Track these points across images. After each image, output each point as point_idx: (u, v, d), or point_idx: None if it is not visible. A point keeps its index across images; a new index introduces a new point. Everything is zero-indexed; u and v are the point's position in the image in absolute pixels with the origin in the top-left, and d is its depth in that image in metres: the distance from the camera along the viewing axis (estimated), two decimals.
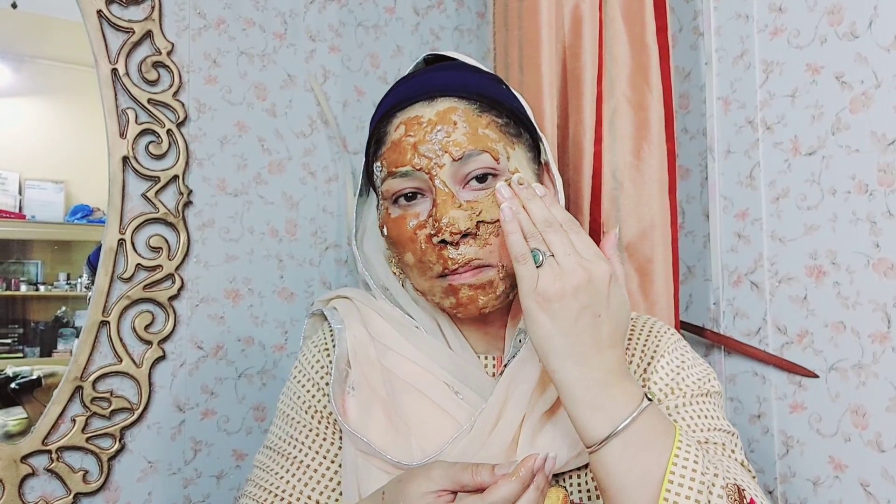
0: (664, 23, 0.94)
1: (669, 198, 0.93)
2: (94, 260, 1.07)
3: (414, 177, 0.61)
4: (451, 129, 0.61)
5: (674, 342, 0.68)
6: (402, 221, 0.63)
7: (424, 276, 0.62)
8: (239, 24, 1.14)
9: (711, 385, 0.65)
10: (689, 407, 0.62)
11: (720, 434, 0.61)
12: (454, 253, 0.60)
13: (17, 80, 1.05)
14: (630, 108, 0.94)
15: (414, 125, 0.62)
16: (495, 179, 0.61)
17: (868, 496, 0.82)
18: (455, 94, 0.63)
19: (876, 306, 0.82)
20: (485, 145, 0.61)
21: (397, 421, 0.62)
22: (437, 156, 0.60)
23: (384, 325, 0.68)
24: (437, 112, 0.62)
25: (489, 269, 0.61)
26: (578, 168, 0.93)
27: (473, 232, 0.60)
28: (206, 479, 1.07)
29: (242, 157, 1.13)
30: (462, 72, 0.66)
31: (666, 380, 0.64)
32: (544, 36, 0.92)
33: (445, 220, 0.59)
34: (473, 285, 0.60)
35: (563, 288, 0.51)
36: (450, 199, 0.60)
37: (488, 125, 0.62)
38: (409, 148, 0.61)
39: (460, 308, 0.62)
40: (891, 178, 0.81)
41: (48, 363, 1.03)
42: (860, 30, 0.84)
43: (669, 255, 0.92)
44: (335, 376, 0.66)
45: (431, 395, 0.63)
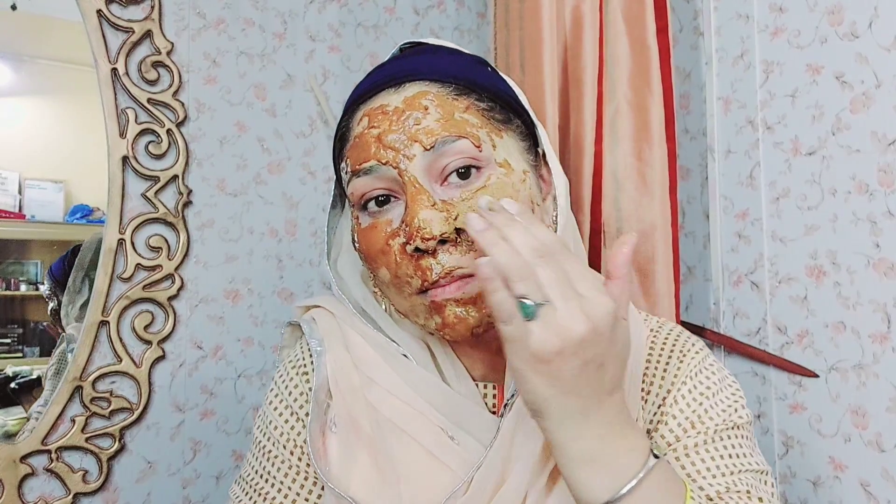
0: (665, 24, 0.94)
1: (670, 198, 0.93)
2: (55, 270, 1.06)
3: (380, 173, 0.51)
4: (420, 115, 0.51)
5: (698, 363, 0.58)
6: (373, 231, 0.53)
7: (402, 293, 0.53)
8: (238, 24, 1.14)
9: (739, 416, 0.56)
10: (713, 444, 0.54)
11: (747, 477, 0.53)
12: (432, 262, 0.50)
13: (17, 80, 1.05)
14: (631, 110, 0.94)
15: (378, 115, 0.52)
16: (479, 174, 0.51)
17: (868, 496, 0.82)
18: (425, 78, 0.53)
19: (876, 306, 0.82)
20: (462, 131, 0.51)
21: (384, 466, 0.54)
22: (406, 146, 0.50)
23: (369, 351, 0.58)
24: (404, 98, 0.52)
25: (475, 280, 0.50)
26: (579, 168, 0.93)
27: (453, 238, 0.50)
28: (206, 480, 1.07)
29: (242, 157, 1.13)
30: (436, 55, 0.57)
31: (687, 412, 0.55)
32: (546, 36, 0.92)
33: (416, 222, 0.49)
34: (460, 300, 0.50)
35: (562, 346, 0.42)
36: (422, 198, 0.50)
37: (467, 109, 0.52)
38: (373, 141, 0.51)
39: (447, 329, 0.51)
40: (891, 178, 0.81)
41: (48, 363, 1.03)
42: (860, 30, 0.84)
43: (670, 256, 0.92)
44: (314, 412, 0.56)
45: (422, 440, 0.53)
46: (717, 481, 0.52)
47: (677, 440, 0.55)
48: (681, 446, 0.54)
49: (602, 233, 0.94)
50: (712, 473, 0.52)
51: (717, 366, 0.59)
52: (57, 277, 1.06)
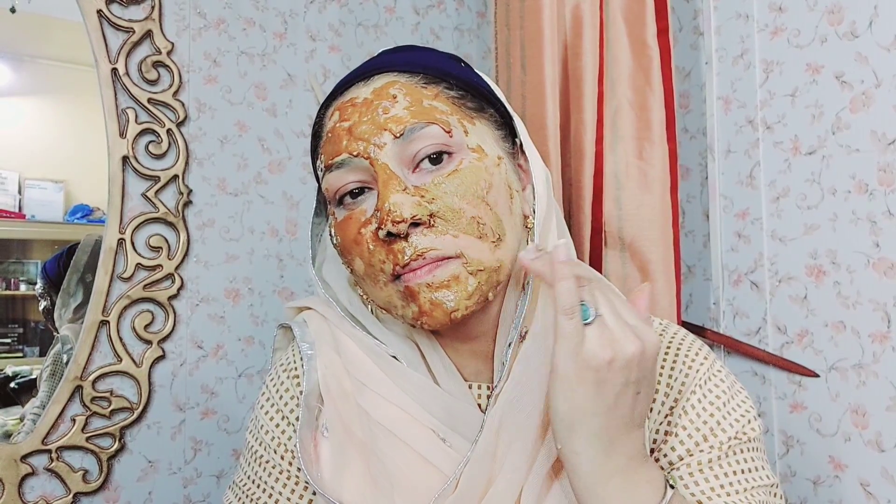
0: (665, 25, 0.94)
1: (671, 197, 0.93)
2: (49, 270, 1.06)
3: (352, 165, 0.51)
4: (389, 104, 0.51)
5: (706, 370, 0.56)
6: (348, 223, 0.52)
7: (378, 283, 0.52)
8: (239, 24, 1.14)
9: (752, 427, 0.54)
10: (727, 460, 0.52)
11: (759, 493, 0.52)
12: (404, 245, 0.49)
13: (17, 80, 1.05)
14: (631, 109, 0.94)
15: (348, 108, 0.52)
16: (451, 159, 0.51)
17: (868, 496, 0.82)
18: (394, 70, 0.53)
19: (876, 306, 0.82)
20: (431, 117, 0.51)
21: (377, 472, 0.53)
22: (375, 135, 0.50)
23: (360, 355, 0.57)
24: (373, 90, 0.52)
25: (451, 262, 0.49)
26: (580, 168, 0.93)
27: (426, 221, 0.49)
28: (206, 479, 1.07)
29: (242, 156, 1.13)
30: (410, 52, 0.57)
31: (698, 423, 0.54)
32: (546, 35, 0.92)
33: (387, 206, 0.48)
34: (432, 284, 0.49)
35: (613, 357, 0.42)
36: (393, 183, 0.49)
37: (436, 97, 0.52)
38: (344, 133, 0.51)
39: (424, 317, 0.50)
40: (891, 177, 0.81)
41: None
42: (860, 29, 0.84)
43: (671, 255, 0.92)
44: (304, 417, 0.55)
45: (414, 445, 0.53)
46: (730, 500, 0.51)
47: (689, 454, 0.53)
48: (694, 462, 0.53)
49: (603, 232, 0.94)
50: (726, 492, 0.51)
51: (725, 372, 0.58)
52: (51, 277, 1.06)
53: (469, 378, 0.58)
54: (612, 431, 0.44)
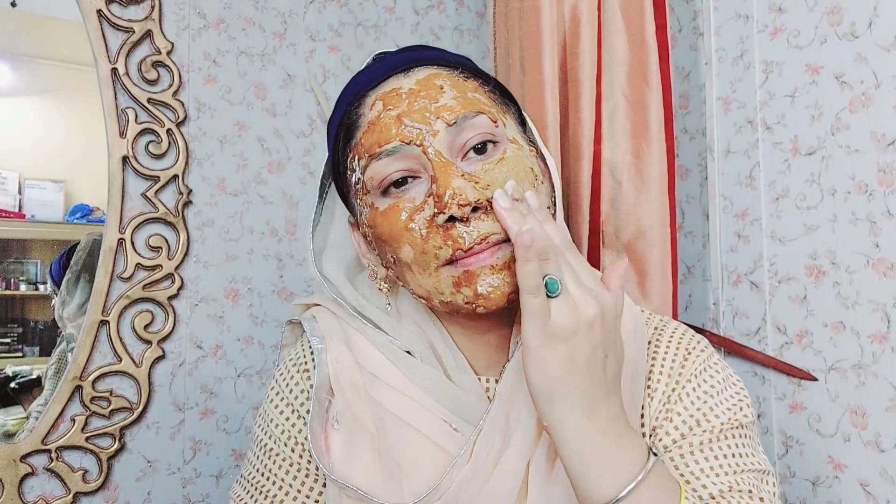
0: (663, 21, 0.94)
1: (669, 197, 0.93)
2: (54, 271, 1.06)
3: (403, 153, 0.51)
4: (437, 94, 0.52)
5: (703, 360, 0.58)
6: (394, 212, 0.52)
7: (427, 270, 0.51)
8: (239, 24, 1.14)
9: (744, 414, 0.56)
10: (717, 444, 0.54)
11: (749, 476, 0.53)
12: (464, 230, 0.49)
13: (17, 80, 1.05)
14: (629, 107, 0.94)
15: (393, 97, 0.53)
16: (496, 148, 0.52)
17: (867, 496, 0.82)
18: (432, 63, 0.55)
19: (875, 306, 0.82)
20: (479, 107, 0.52)
21: (388, 460, 0.54)
22: (429, 123, 0.51)
23: (371, 349, 0.58)
24: (416, 81, 0.53)
25: (508, 246, 0.49)
26: (578, 167, 0.93)
27: (485, 206, 0.49)
28: (206, 479, 1.07)
29: (242, 156, 1.13)
30: (432, 49, 0.59)
31: (691, 409, 0.55)
32: (546, 36, 0.92)
33: (449, 191, 0.48)
34: (495, 266, 0.49)
35: (577, 323, 0.44)
36: (452, 169, 0.49)
37: (476, 89, 0.54)
38: (393, 122, 0.51)
39: (481, 300, 0.50)
40: (890, 178, 0.81)
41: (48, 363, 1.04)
42: (860, 30, 0.84)
43: (668, 255, 0.92)
44: (315, 409, 0.56)
45: (426, 432, 0.54)
46: (719, 480, 0.52)
47: (682, 437, 0.55)
48: (686, 444, 0.54)
49: (600, 232, 0.94)
50: (715, 472, 0.53)
51: (722, 364, 0.60)
52: (54, 277, 1.06)
53: (480, 372, 0.59)
54: (589, 395, 0.46)
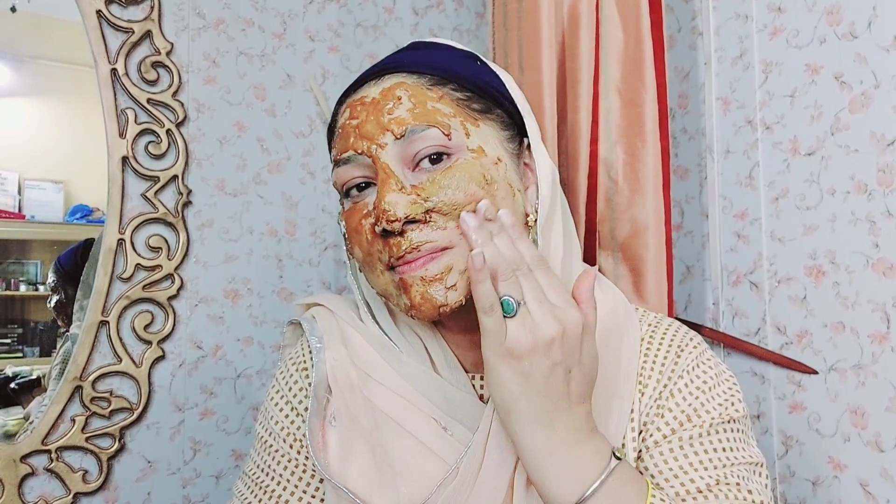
0: (659, 17, 0.93)
1: (663, 196, 0.92)
2: (64, 262, 1.06)
3: (357, 162, 0.54)
4: (394, 105, 0.53)
5: (696, 357, 0.59)
6: (352, 213, 0.56)
7: (375, 271, 0.55)
8: (238, 25, 1.14)
9: (735, 409, 0.57)
10: (708, 438, 0.54)
11: (739, 469, 0.53)
12: (400, 240, 0.51)
13: (17, 81, 1.05)
14: (624, 105, 0.93)
15: (357, 106, 0.55)
16: (449, 159, 0.53)
17: (867, 496, 0.82)
18: (404, 70, 0.56)
19: (875, 306, 0.82)
20: (433, 120, 0.53)
21: (381, 461, 0.56)
22: (378, 135, 0.53)
23: (366, 347, 0.60)
24: (381, 90, 0.55)
25: (450, 252, 0.52)
26: (575, 168, 0.93)
27: (422, 218, 0.51)
28: (205, 479, 1.07)
29: (242, 157, 1.13)
30: (427, 50, 0.59)
31: (683, 405, 0.56)
32: (544, 36, 0.92)
33: (382, 205, 0.51)
34: (426, 279, 0.51)
35: (534, 343, 0.45)
36: (390, 182, 0.52)
37: (441, 99, 0.55)
38: (352, 131, 0.54)
39: (414, 311, 0.52)
40: (890, 178, 0.81)
41: (48, 363, 1.04)
42: (859, 30, 0.84)
43: (663, 254, 0.92)
44: (313, 407, 0.58)
45: (417, 433, 0.55)
46: (707, 474, 0.53)
47: (673, 433, 0.55)
48: (675, 438, 0.55)
49: (597, 232, 0.94)
50: (704, 466, 0.53)
51: (715, 360, 0.60)
52: (66, 270, 1.06)
53: (470, 369, 0.60)
54: (546, 411, 0.47)
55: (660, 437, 0.56)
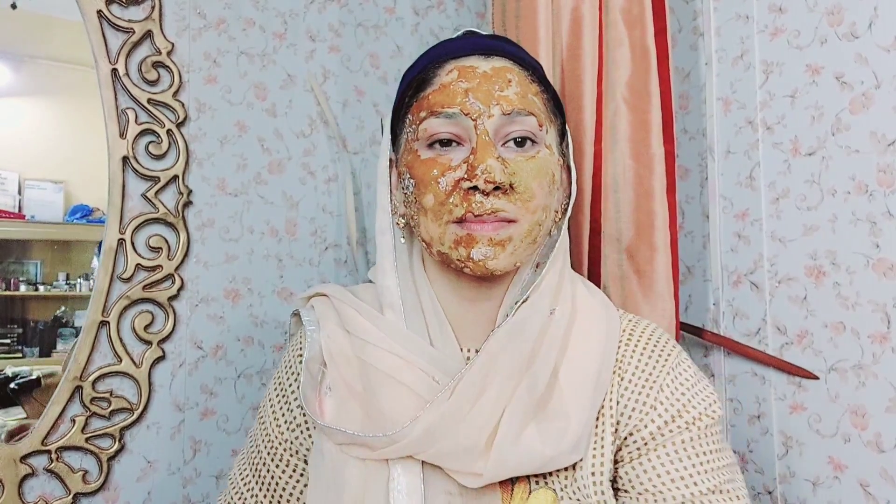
0: (663, 25, 0.94)
1: (668, 199, 0.93)
2: None
3: (458, 121, 0.59)
4: (504, 84, 0.59)
5: (676, 355, 0.63)
6: (431, 163, 0.59)
7: (439, 220, 0.59)
8: (239, 24, 1.14)
9: (713, 410, 0.61)
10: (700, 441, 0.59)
11: (728, 472, 0.59)
12: (483, 199, 0.56)
13: (17, 80, 1.05)
14: (629, 111, 0.94)
15: (468, 72, 0.60)
16: (533, 147, 0.60)
17: (868, 496, 0.82)
18: (510, 58, 0.62)
19: (876, 307, 0.82)
20: (533, 109, 0.60)
21: (373, 412, 0.60)
22: (488, 106, 0.58)
23: (361, 320, 0.64)
24: (492, 67, 0.61)
25: (514, 226, 0.58)
26: (579, 168, 0.93)
27: (506, 188, 0.57)
28: (206, 479, 1.07)
29: (242, 156, 1.13)
30: (514, 44, 0.66)
31: (672, 399, 0.60)
32: (541, 36, 0.92)
33: (482, 166, 0.56)
34: (493, 240, 0.57)
35: None
36: (491, 149, 0.57)
37: (536, 94, 0.62)
38: (461, 92, 0.59)
39: (470, 263, 0.58)
40: (890, 178, 0.81)
41: (47, 363, 1.04)
42: (860, 30, 0.84)
43: (669, 257, 0.92)
44: (305, 379, 0.63)
45: (408, 383, 0.59)
46: (703, 479, 0.57)
47: (665, 425, 0.59)
48: (670, 441, 0.59)
49: (601, 232, 0.94)
50: (697, 471, 0.58)
51: (689, 364, 0.65)
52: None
53: (464, 343, 0.65)
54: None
55: (646, 434, 0.59)
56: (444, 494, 0.57)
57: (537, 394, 0.58)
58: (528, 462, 0.56)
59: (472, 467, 0.55)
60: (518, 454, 0.56)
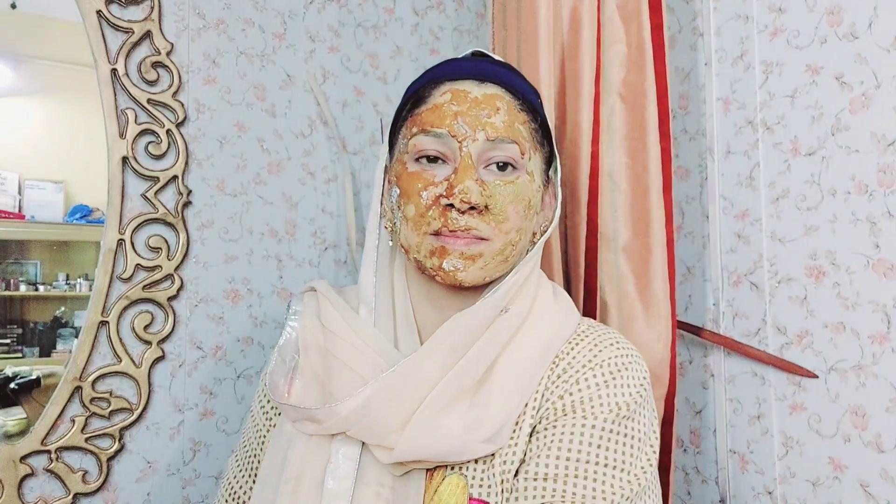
0: (660, 20, 0.94)
1: (664, 198, 0.93)
2: None
3: (445, 141, 0.63)
4: (493, 112, 0.63)
5: (600, 357, 0.63)
6: (417, 177, 0.64)
7: (418, 230, 0.63)
8: (238, 25, 1.14)
9: (626, 412, 0.60)
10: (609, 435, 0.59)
11: (587, 467, 0.58)
12: (458, 216, 0.61)
13: (17, 81, 1.05)
14: (625, 108, 0.94)
15: (461, 96, 0.64)
16: (514, 172, 0.64)
17: (868, 497, 0.82)
18: (504, 86, 0.66)
19: (876, 307, 0.82)
20: (517, 137, 0.63)
21: (326, 394, 0.64)
22: (475, 130, 0.62)
23: (334, 314, 0.68)
24: (484, 93, 0.64)
25: (485, 243, 0.62)
26: (576, 169, 0.93)
27: (482, 209, 0.61)
28: (205, 480, 1.07)
29: (242, 157, 1.13)
30: (512, 71, 0.69)
31: (584, 392, 0.61)
32: (542, 36, 0.92)
33: (460, 186, 0.60)
34: (465, 254, 0.62)
35: None
36: (471, 171, 0.61)
37: (524, 123, 0.65)
38: (451, 114, 0.63)
39: (440, 273, 0.62)
40: (890, 178, 0.81)
41: (47, 363, 1.03)
42: (860, 30, 0.84)
43: (665, 256, 0.92)
44: (275, 365, 0.69)
45: (357, 369, 0.63)
46: (560, 463, 0.58)
47: (563, 415, 0.60)
48: (560, 424, 0.60)
49: (597, 233, 0.93)
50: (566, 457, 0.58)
51: (628, 365, 0.63)
52: None
53: (424, 340, 0.67)
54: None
55: (547, 419, 0.61)
56: (375, 479, 0.61)
57: (467, 381, 0.60)
58: (439, 445, 0.58)
59: (387, 441, 0.59)
60: (430, 434, 0.58)
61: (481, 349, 0.62)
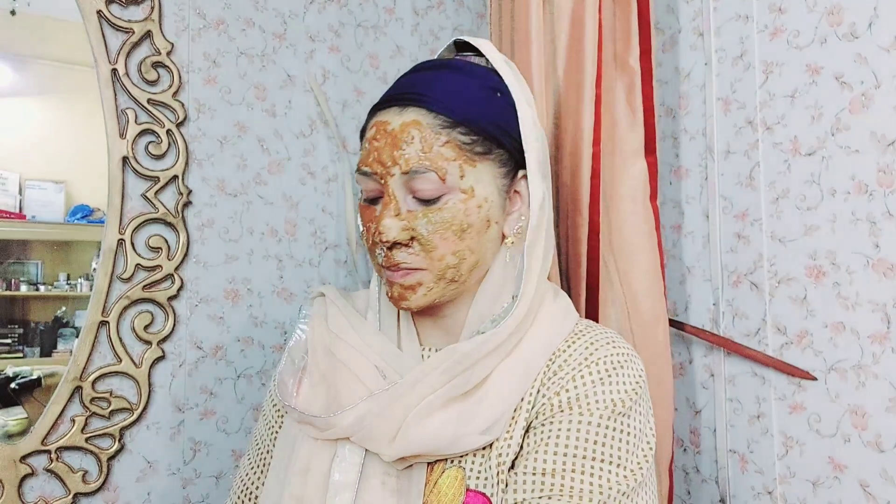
0: (648, 45, 0.97)
1: (651, 204, 0.97)
2: None
3: (371, 179, 0.65)
4: (407, 143, 0.63)
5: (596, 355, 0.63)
6: (365, 213, 0.67)
7: (375, 261, 0.67)
8: (238, 25, 1.14)
9: (622, 410, 0.60)
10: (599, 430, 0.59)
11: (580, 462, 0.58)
12: (388, 252, 0.64)
13: (17, 81, 1.05)
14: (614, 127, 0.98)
15: (381, 130, 0.64)
16: (439, 200, 0.63)
17: (868, 497, 0.82)
18: (426, 107, 0.63)
19: (875, 307, 0.81)
20: (434, 164, 0.62)
21: (332, 396, 0.66)
22: (390, 165, 0.63)
23: (340, 318, 0.71)
24: (401, 123, 0.63)
25: (420, 273, 0.64)
26: (577, 169, 0.93)
27: (406, 242, 0.63)
28: (205, 480, 1.07)
29: (242, 157, 1.13)
30: (454, 75, 0.66)
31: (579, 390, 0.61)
32: (533, 35, 0.93)
33: (379, 227, 0.63)
34: (403, 285, 0.64)
35: None
36: (391, 207, 0.63)
37: (445, 143, 0.62)
38: (374, 151, 0.64)
39: (393, 300, 0.66)
40: (890, 178, 0.81)
41: (48, 363, 1.04)
42: (860, 30, 0.83)
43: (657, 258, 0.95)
44: (285, 364, 0.72)
45: (361, 376, 0.65)
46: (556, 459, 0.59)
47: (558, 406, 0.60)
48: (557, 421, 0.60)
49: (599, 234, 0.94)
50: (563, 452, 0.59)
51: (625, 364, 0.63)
52: None
53: (424, 343, 0.71)
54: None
55: (543, 416, 0.61)
56: (381, 471, 0.63)
57: (459, 392, 0.62)
58: (430, 440, 0.59)
59: (383, 449, 0.61)
60: (421, 433, 0.60)
61: (482, 367, 0.62)
